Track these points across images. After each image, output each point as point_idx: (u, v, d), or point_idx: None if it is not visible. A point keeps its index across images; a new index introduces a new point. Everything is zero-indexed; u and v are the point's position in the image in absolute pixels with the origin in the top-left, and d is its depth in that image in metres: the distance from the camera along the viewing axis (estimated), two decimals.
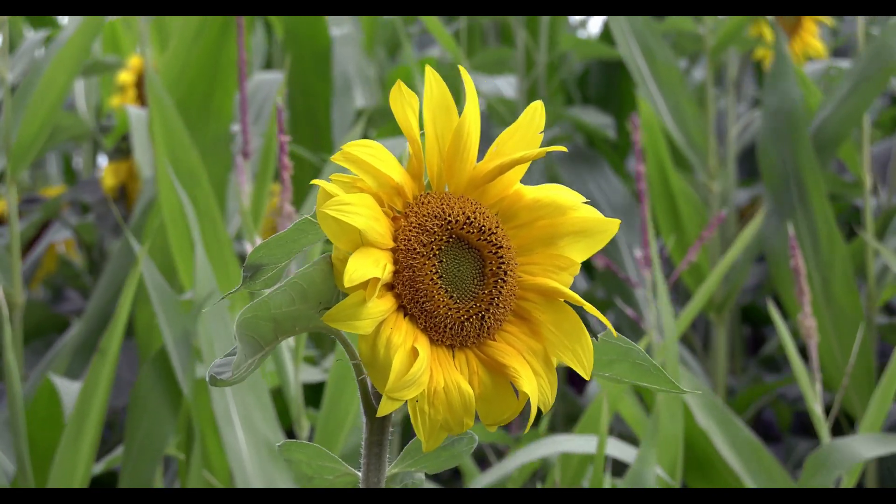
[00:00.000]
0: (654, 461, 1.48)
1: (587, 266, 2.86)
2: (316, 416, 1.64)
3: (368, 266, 0.73)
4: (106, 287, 2.17)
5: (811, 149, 2.09)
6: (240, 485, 1.55)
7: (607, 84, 3.07)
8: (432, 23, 2.50)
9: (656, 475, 1.51)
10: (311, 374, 1.73)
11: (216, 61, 2.15)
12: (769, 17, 2.35)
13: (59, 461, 1.55)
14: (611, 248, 2.47)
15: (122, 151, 2.45)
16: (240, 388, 1.57)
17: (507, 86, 2.97)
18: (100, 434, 1.57)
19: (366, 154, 0.74)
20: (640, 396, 2.18)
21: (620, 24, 2.33)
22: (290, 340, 1.56)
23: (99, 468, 1.79)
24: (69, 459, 1.55)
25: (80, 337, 2.14)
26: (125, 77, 2.46)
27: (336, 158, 0.73)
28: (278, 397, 1.91)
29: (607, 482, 1.56)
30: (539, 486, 1.69)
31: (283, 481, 1.56)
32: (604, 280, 2.51)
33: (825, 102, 2.20)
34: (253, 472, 1.55)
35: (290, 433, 1.99)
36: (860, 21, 2.26)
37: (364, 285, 0.73)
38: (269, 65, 3.17)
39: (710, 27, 2.38)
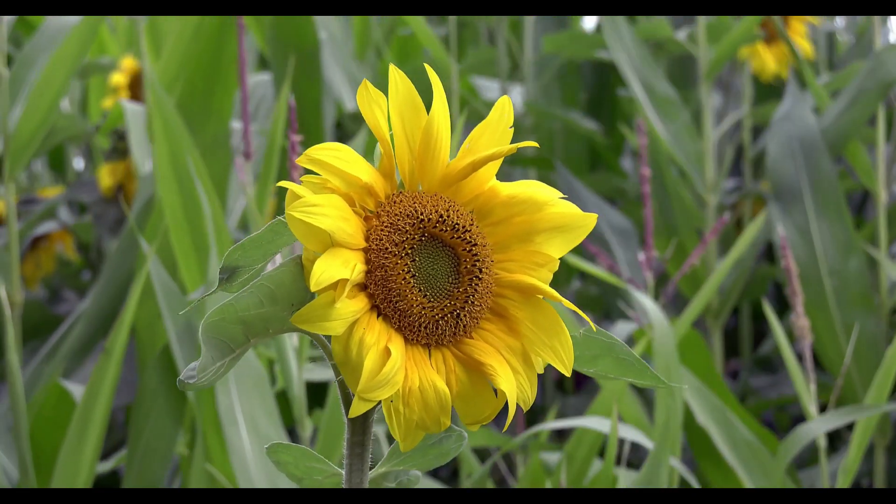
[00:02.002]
0: (667, 459, 1.47)
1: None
2: (320, 415, 1.64)
3: (336, 267, 0.72)
4: (105, 286, 2.16)
5: (832, 168, 2.11)
6: (243, 485, 1.54)
7: (599, 85, 3.06)
8: (418, 24, 2.48)
9: (669, 471, 1.50)
10: (317, 374, 1.73)
11: (217, 60, 2.14)
12: (779, 22, 2.35)
13: (64, 461, 1.55)
14: (605, 252, 2.48)
15: (119, 151, 2.44)
16: (245, 389, 1.57)
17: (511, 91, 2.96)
18: (104, 434, 1.57)
19: (331, 157, 0.73)
20: (641, 395, 2.18)
21: (621, 55, 2.35)
22: (295, 340, 1.56)
23: (108, 466, 1.78)
24: (73, 459, 1.55)
25: (79, 337, 2.14)
26: (118, 78, 2.45)
27: (301, 161, 0.73)
28: (281, 397, 1.91)
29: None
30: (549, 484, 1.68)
31: (285, 481, 1.56)
32: (601, 283, 2.51)
33: (826, 112, 2.21)
34: (256, 473, 1.55)
35: (293, 433, 1.99)
36: (877, 24, 2.27)
37: (334, 286, 0.72)
38: (262, 65, 3.16)
39: (705, 49, 2.39)
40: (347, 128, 2.65)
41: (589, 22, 3.32)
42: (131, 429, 1.68)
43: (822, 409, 2.24)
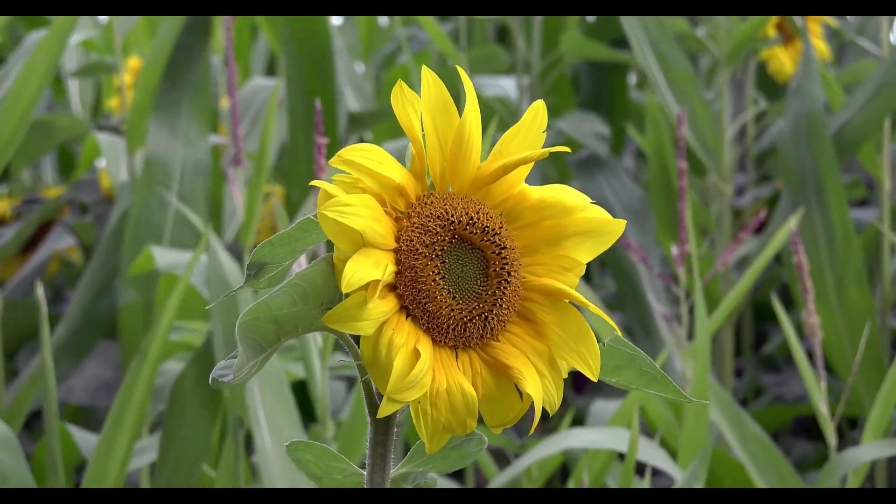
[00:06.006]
0: (702, 479, 1.45)
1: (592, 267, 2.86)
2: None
3: (368, 268, 0.72)
4: (87, 288, 2.17)
5: (832, 151, 2.09)
6: (266, 485, 1.54)
7: (597, 85, 3.06)
8: (428, 23, 2.49)
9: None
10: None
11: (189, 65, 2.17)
12: (796, 18, 2.35)
13: (94, 462, 1.54)
14: (621, 249, 2.47)
15: None
16: (266, 389, 1.57)
17: (507, 85, 2.96)
18: (136, 436, 1.57)
19: (364, 157, 0.73)
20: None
21: (635, 29, 2.33)
22: (319, 341, 1.56)
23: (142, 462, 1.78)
24: (103, 460, 1.55)
25: (62, 338, 2.14)
26: (124, 78, 2.45)
27: (334, 163, 0.73)
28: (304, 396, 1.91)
29: (637, 483, 1.54)
30: (571, 485, 1.67)
31: (305, 482, 1.55)
32: (616, 279, 2.49)
33: (846, 105, 2.20)
34: (277, 473, 1.55)
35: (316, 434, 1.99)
36: (884, 24, 2.28)
37: (365, 286, 0.72)
38: (271, 69, 3.17)
39: (725, 32, 2.39)
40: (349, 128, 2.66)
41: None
42: (163, 433, 1.67)
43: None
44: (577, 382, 2.64)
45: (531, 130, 0.78)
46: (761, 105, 2.60)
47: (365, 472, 0.83)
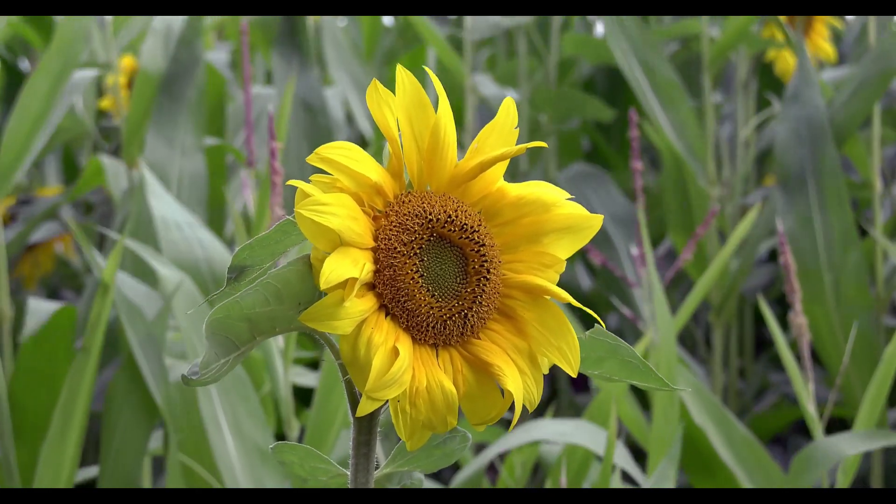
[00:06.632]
0: (673, 475, 1.45)
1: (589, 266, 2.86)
2: (307, 414, 1.64)
3: (346, 266, 0.72)
4: (93, 295, 2.17)
5: (836, 154, 2.09)
6: (228, 485, 1.54)
7: (612, 87, 3.06)
8: (423, 27, 2.47)
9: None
10: (306, 378, 1.72)
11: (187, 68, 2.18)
12: (781, 19, 2.35)
13: (45, 461, 1.54)
14: (609, 251, 2.47)
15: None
16: (227, 391, 1.57)
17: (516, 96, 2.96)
18: (83, 434, 1.56)
19: (340, 155, 0.73)
20: (639, 397, 2.17)
21: (618, 39, 2.33)
22: (280, 342, 1.56)
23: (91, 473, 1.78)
24: (54, 460, 1.54)
25: None
26: (117, 78, 2.45)
27: (311, 160, 0.73)
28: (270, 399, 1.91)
29: (615, 481, 1.54)
30: (548, 484, 1.67)
31: (272, 483, 1.55)
32: (603, 279, 2.50)
33: (831, 102, 2.20)
34: (242, 474, 1.55)
35: (281, 435, 1.99)
36: (871, 23, 2.28)
37: (343, 285, 0.72)
38: (269, 80, 3.18)
39: (708, 35, 2.39)
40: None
41: (601, 27, 3.32)
42: (102, 436, 1.67)
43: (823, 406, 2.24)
44: (574, 380, 2.64)
45: (505, 127, 0.78)
46: (776, 108, 2.60)
47: (349, 473, 0.83)
